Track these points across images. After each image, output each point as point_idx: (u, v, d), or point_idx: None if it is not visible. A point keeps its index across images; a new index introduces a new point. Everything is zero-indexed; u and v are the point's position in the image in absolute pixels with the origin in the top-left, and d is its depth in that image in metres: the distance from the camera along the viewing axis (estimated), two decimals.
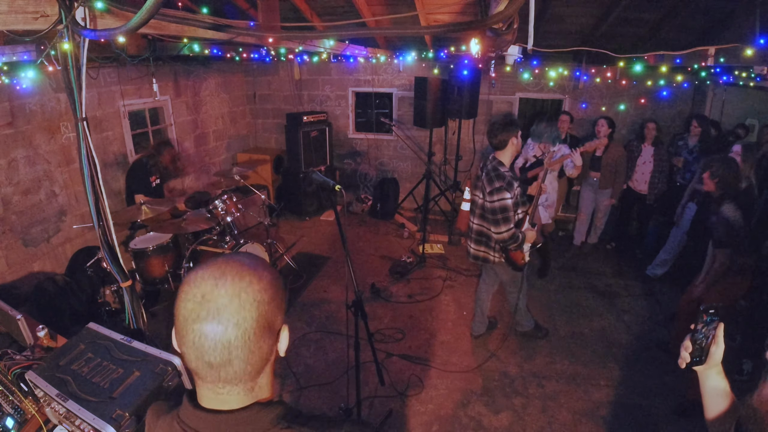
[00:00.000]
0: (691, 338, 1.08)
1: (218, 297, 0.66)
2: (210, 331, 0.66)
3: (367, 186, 6.88)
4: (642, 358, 3.40)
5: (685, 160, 4.58)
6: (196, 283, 0.68)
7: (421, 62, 5.80)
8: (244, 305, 0.67)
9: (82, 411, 1.34)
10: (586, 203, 5.03)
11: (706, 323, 1.06)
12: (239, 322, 0.66)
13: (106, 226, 1.96)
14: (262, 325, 0.69)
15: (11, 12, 1.41)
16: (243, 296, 0.67)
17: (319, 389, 3.05)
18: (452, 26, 2.85)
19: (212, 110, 6.13)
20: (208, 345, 0.66)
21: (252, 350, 0.68)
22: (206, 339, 0.66)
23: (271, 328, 0.71)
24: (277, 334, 0.74)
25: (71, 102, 1.76)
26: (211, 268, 0.70)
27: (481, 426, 2.78)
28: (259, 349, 0.69)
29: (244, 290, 0.67)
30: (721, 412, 1.10)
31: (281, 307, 0.74)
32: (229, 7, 4.21)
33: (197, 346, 0.67)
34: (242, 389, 0.72)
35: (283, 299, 0.75)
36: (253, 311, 0.67)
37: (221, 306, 0.66)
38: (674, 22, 3.81)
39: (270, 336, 0.71)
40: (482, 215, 3.10)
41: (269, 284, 0.71)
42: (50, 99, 3.90)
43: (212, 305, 0.66)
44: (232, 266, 0.70)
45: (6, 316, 1.87)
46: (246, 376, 0.70)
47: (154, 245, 3.58)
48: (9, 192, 3.63)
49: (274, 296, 0.71)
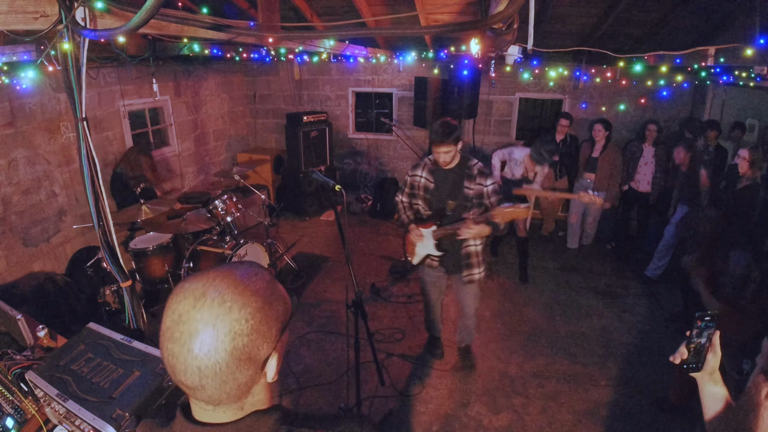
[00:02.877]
0: (686, 344, 1.08)
1: (193, 321, 0.62)
2: (181, 355, 0.62)
3: (367, 186, 6.88)
4: (642, 358, 3.40)
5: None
6: (178, 299, 0.65)
7: (421, 62, 5.80)
8: (217, 336, 0.61)
9: (82, 411, 1.33)
10: (577, 205, 5.02)
11: (700, 329, 1.06)
12: (209, 352, 0.61)
13: (106, 226, 1.96)
14: (237, 357, 0.63)
15: (11, 12, 1.41)
16: (218, 325, 0.62)
17: (319, 389, 3.04)
18: (452, 26, 2.85)
19: (212, 110, 6.13)
20: (178, 367, 0.63)
21: (225, 380, 0.64)
22: (177, 361, 0.63)
23: (252, 359, 0.65)
24: (261, 362, 0.67)
25: (71, 102, 1.76)
26: (196, 283, 0.66)
27: (481, 426, 2.77)
28: (234, 379, 0.64)
29: (220, 318, 0.62)
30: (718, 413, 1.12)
31: (268, 336, 0.66)
32: (229, 7, 4.21)
33: (171, 364, 0.64)
34: (228, 408, 0.69)
35: (272, 327, 0.67)
36: (227, 343, 0.62)
37: (194, 331, 0.62)
38: (674, 22, 3.81)
39: (249, 366, 0.65)
40: None
41: (253, 313, 0.64)
42: (50, 99, 3.90)
43: (186, 328, 0.62)
44: (216, 286, 0.64)
45: (6, 316, 1.86)
46: (226, 400, 0.67)
47: (154, 245, 3.59)
48: (9, 192, 3.63)
49: (258, 326, 0.65)
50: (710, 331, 1.06)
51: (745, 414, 0.95)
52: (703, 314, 1.05)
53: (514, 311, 4.04)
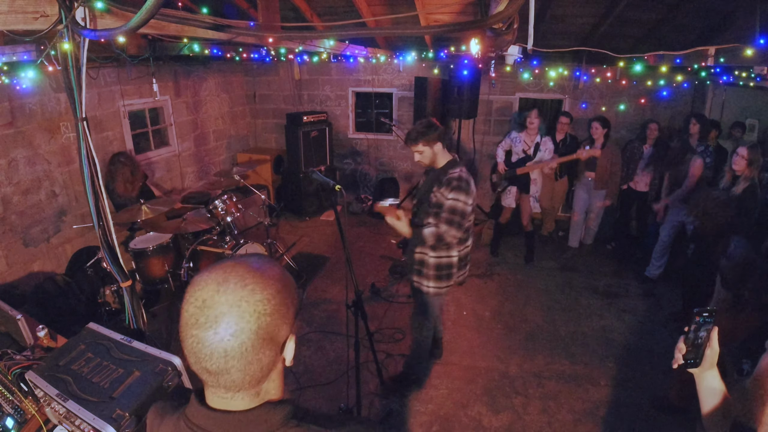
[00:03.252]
0: (684, 339, 1.09)
1: (218, 304, 0.65)
2: (207, 339, 0.64)
3: (367, 186, 6.88)
4: (642, 358, 3.40)
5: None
6: (199, 286, 0.67)
7: (421, 62, 5.80)
8: (243, 315, 0.64)
9: (82, 411, 1.33)
10: (580, 203, 5.03)
11: (698, 324, 1.07)
12: (236, 332, 0.64)
13: (106, 226, 1.96)
14: (262, 336, 0.66)
15: (11, 12, 1.41)
16: (243, 306, 0.65)
17: (319, 389, 3.04)
18: (452, 26, 2.86)
19: (212, 110, 6.13)
20: (204, 352, 0.65)
21: (250, 361, 0.66)
22: (203, 346, 0.65)
23: (273, 340, 0.69)
24: (281, 344, 0.71)
25: (71, 102, 1.76)
26: (216, 271, 0.69)
27: (481, 426, 2.77)
28: (258, 360, 0.67)
29: (245, 299, 0.65)
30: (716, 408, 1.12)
31: (287, 318, 0.71)
32: (229, 7, 4.21)
33: (195, 351, 0.66)
34: (246, 395, 0.71)
35: (290, 309, 0.71)
36: (252, 323, 0.65)
37: (219, 314, 0.64)
38: (674, 22, 3.81)
39: (271, 347, 0.69)
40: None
41: (274, 294, 0.68)
42: (50, 99, 3.90)
43: (211, 312, 0.64)
44: (237, 271, 0.68)
45: (6, 316, 1.86)
46: (246, 385, 0.69)
47: (154, 245, 3.58)
48: (9, 192, 3.63)
49: (279, 307, 0.68)
50: (708, 326, 1.07)
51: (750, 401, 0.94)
52: (701, 310, 1.06)
53: (514, 311, 4.04)
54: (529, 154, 4.69)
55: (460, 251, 2.68)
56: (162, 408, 0.82)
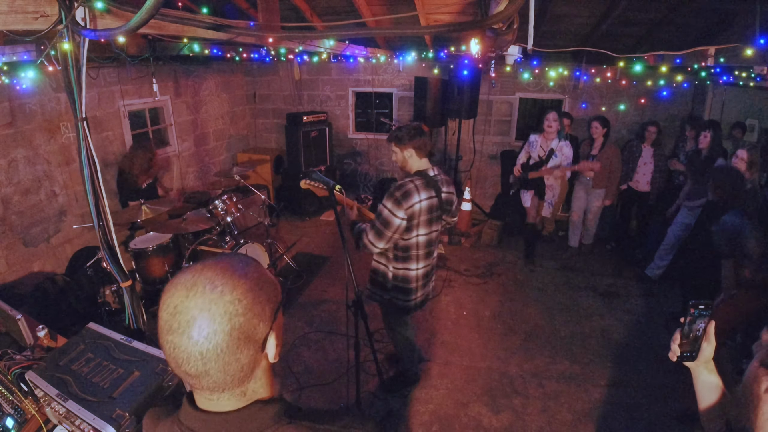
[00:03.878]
0: (680, 332, 1.09)
1: (188, 309, 0.65)
2: (182, 344, 0.65)
3: (367, 186, 6.88)
4: (642, 358, 3.40)
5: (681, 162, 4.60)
6: (170, 293, 0.67)
7: (421, 62, 5.80)
8: (214, 318, 0.64)
9: (82, 411, 1.33)
10: (578, 203, 5.02)
11: (694, 316, 1.06)
12: (209, 335, 0.64)
13: (106, 226, 1.96)
14: (237, 337, 0.66)
15: (11, 12, 1.41)
16: (213, 308, 0.65)
17: (319, 389, 3.04)
18: (452, 26, 2.85)
19: (212, 110, 6.13)
20: (182, 357, 0.65)
21: (228, 362, 0.66)
22: (180, 351, 0.65)
23: (250, 338, 0.68)
24: (261, 342, 0.70)
25: (71, 102, 1.76)
26: (186, 276, 0.68)
27: (481, 426, 2.78)
28: (237, 360, 0.67)
29: (214, 302, 0.65)
30: (713, 403, 1.12)
31: (263, 315, 0.70)
32: (229, 7, 4.21)
33: (173, 356, 0.66)
34: (231, 395, 0.71)
35: (265, 306, 0.70)
36: (225, 324, 0.65)
37: (191, 318, 0.64)
38: (674, 22, 3.81)
39: (249, 346, 0.68)
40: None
41: (245, 293, 0.68)
42: (50, 99, 3.90)
43: (183, 318, 0.65)
44: (205, 274, 0.67)
45: (6, 316, 1.86)
46: (229, 385, 0.69)
47: (154, 245, 3.58)
48: (9, 192, 3.63)
49: (252, 305, 0.68)
50: (704, 319, 1.06)
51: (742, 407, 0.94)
52: (696, 303, 1.05)
53: (514, 311, 4.04)
54: (542, 158, 4.52)
55: (410, 269, 2.58)
56: (156, 413, 0.83)
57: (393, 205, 2.37)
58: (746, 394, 0.92)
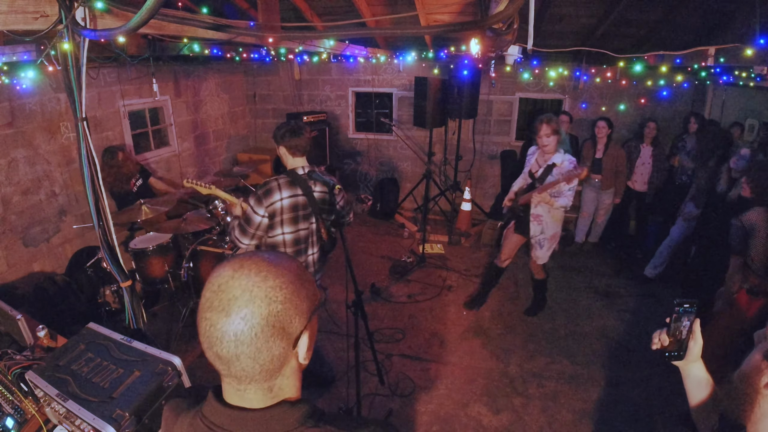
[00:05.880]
0: (667, 332, 1.09)
1: (231, 288, 0.67)
2: (218, 321, 0.66)
3: (367, 186, 6.88)
4: (642, 357, 3.40)
5: (681, 159, 4.60)
6: (217, 273, 0.70)
7: (421, 62, 5.80)
8: (254, 300, 0.66)
9: (82, 411, 1.33)
10: (588, 204, 5.03)
11: (679, 314, 1.06)
12: (246, 316, 0.65)
13: (106, 226, 1.96)
14: (272, 324, 0.67)
15: (11, 12, 1.41)
16: (255, 291, 0.66)
17: (318, 389, 3.04)
18: (452, 26, 2.86)
19: (212, 110, 6.13)
20: (216, 335, 0.66)
21: (259, 348, 0.67)
22: (215, 329, 0.66)
23: (284, 330, 0.68)
24: (294, 338, 0.71)
25: (71, 102, 1.76)
26: (234, 260, 0.71)
27: (481, 426, 2.78)
28: (269, 349, 0.67)
29: (257, 285, 0.67)
30: (703, 399, 1.13)
31: (300, 310, 0.70)
32: (229, 7, 4.21)
33: (207, 335, 0.67)
34: (259, 388, 0.71)
35: (304, 302, 0.71)
36: (263, 308, 0.66)
37: (232, 297, 0.66)
38: (674, 22, 3.81)
39: (282, 338, 0.69)
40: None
41: (286, 283, 0.69)
42: (50, 99, 3.90)
43: (224, 296, 0.66)
44: (253, 260, 0.70)
45: (6, 316, 1.86)
46: (258, 376, 0.69)
47: (154, 245, 3.58)
48: (9, 192, 3.63)
49: (291, 297, 0.69)
50: (690, 317, 1.06)
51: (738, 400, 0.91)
52: (682, 301, 1.06)
53: (514, 311, 4.04)
54: (536, 176, 3.39)
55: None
56: (177, 405, 0.82)
57: (255, 203, 2.41)
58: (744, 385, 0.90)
